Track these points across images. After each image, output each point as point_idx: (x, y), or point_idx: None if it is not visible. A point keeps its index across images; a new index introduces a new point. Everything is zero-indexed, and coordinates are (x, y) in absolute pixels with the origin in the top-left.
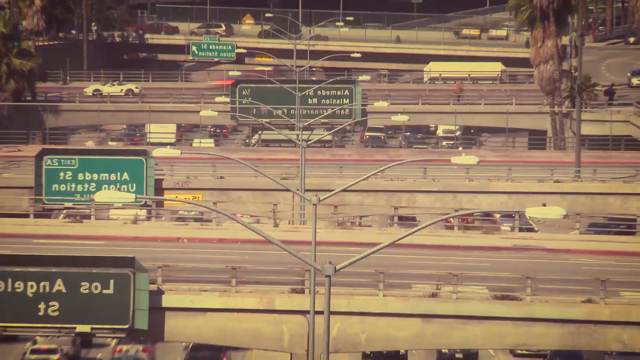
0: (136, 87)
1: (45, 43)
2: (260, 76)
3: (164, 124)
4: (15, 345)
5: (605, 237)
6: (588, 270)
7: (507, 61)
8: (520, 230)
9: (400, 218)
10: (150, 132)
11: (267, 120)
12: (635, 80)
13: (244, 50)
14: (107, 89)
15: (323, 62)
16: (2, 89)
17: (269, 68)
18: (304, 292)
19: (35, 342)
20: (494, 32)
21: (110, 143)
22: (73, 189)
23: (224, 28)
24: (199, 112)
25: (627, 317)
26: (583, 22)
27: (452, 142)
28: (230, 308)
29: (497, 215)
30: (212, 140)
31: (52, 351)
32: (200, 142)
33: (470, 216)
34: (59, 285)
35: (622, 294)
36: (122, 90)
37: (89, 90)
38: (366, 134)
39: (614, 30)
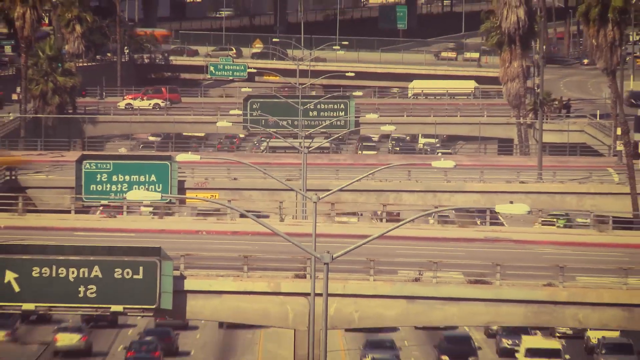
0: (162, 102)
1: (85, 64)
2: (272, 93)
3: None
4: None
5: (563, 230)
6: (548, 258)
7: (479, 79)
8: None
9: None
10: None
11: (274, 130)
12: None
13: (254, 70)
14: (137, 103)
15: (322, 80)
16: (47, 103)
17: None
18: (305, 277)
19: None
20: (468, 55)
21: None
22: (108, 189)
23: (234, 51)
24: (215, 123)
25: (582, 298)
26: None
27: (446, 151)
28: (242, 291)
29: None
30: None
31: None
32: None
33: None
34: (96, 271)
35: (577, 279)
36: (150, 104)
37: (122, 104)
38: (359, 151)
39: (571, 53)
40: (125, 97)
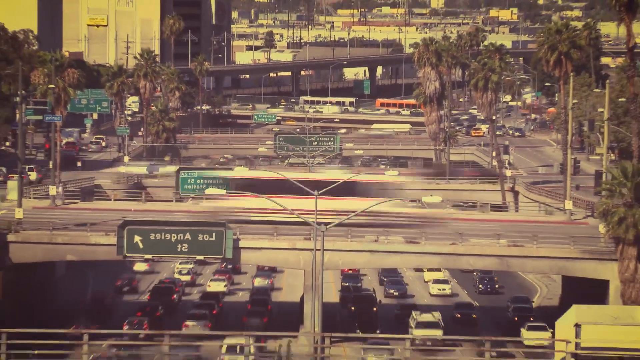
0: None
1: (180, 114)
2: (291, 131)
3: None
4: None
5: (461, 211)
6: (453, 227)
7: (413, 123)
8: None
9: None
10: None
11: (292, 153)
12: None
13: (281, 117)
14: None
15: (320, 123)
16: (159, 137)
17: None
18: (310, 239)
19: None
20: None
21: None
22: (195, 188)
23: (269, 106)
24: (258, 149)
25: (472, 251)
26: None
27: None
28: (273, 247)
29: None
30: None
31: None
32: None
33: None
34: (188, 236)
35: (470, 239)
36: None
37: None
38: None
39: (467, 107)
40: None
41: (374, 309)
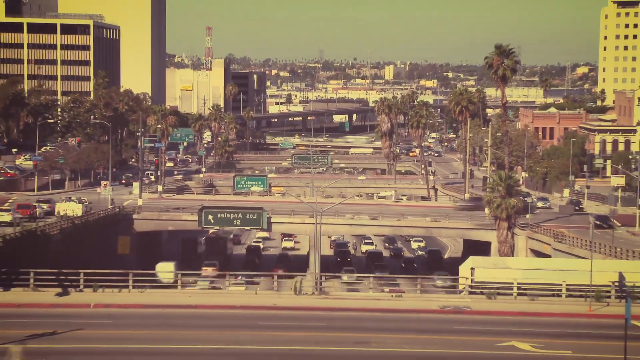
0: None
1: (235, 142)
2: (302, 152)
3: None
4: None
5: (403, 201)
6: (398, 210)
7: (375, 148)
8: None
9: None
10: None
11: (302, 165)
12: None
13: (296, 144)
14: (254, 156)
15: (318, 147)
16: (222, 156)
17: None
18: (313, 217)
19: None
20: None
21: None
22: (244, 186)
23: (288, 138)
24: (281, 163)
25: (410, 224)
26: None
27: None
28: (291, 222)
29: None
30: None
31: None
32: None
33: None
34: (240, 215)
35: (408, 218)
36: (257, 157)
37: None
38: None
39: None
40: (249, 154)
41: (384, 262)
